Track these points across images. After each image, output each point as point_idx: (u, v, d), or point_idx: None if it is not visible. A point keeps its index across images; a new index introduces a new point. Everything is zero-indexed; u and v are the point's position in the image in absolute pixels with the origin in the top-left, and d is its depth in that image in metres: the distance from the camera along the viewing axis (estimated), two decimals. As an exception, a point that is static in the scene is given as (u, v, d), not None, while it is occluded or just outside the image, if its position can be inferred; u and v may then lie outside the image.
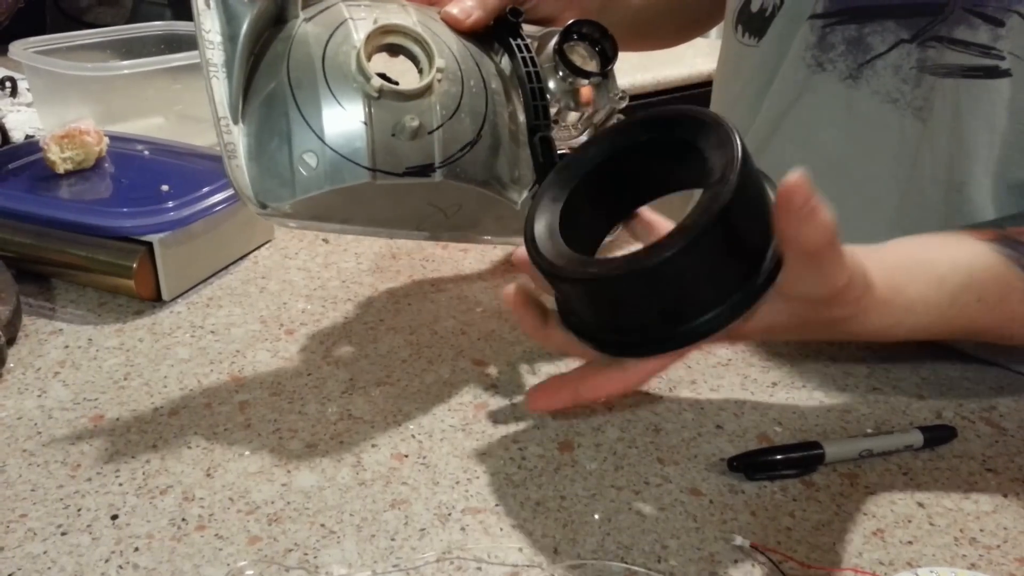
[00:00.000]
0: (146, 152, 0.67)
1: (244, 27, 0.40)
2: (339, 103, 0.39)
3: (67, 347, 0.50)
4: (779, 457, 0.43)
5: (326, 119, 0.39)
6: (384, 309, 0.56)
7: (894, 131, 0.52)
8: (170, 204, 0.55)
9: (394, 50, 0.42)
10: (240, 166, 0.40)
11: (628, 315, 0.35)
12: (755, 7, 0.61)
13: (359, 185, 0.39)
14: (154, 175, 0.61)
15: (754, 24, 0.61)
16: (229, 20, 0.40)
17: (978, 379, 0.53)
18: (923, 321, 0.42)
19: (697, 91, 1.41)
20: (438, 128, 0.41)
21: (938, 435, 0.46)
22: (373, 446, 0.43)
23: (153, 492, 0.39)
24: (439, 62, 0.41)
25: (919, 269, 0.42)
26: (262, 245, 0.64)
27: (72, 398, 0.45)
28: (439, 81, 0.41)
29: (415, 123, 0.40)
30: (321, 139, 0.39)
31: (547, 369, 0.51)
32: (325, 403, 0.46)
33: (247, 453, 0.42)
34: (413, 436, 0.44)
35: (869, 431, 0.47)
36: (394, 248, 0.65)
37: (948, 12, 0.49)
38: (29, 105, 0.90)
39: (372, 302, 0.57)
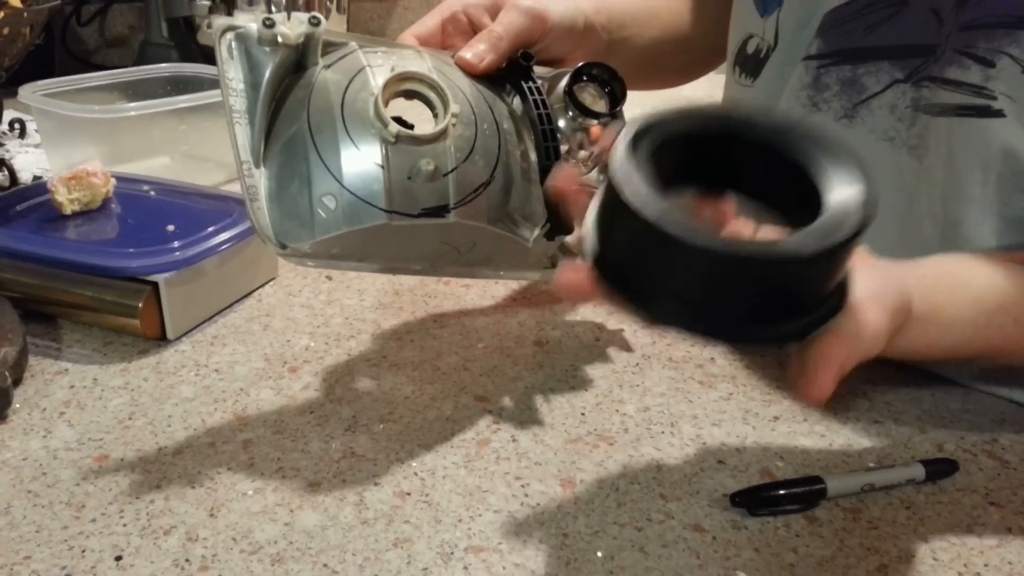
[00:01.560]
0: (152, 192, 0.67)
1: (266, 75, 0.41)
2: (357, 147, 0.41)
3: (72, 387, 0.50)
4: (781, 492, 0.43)
5: (344, 163, 0.40)
6: (387, 346, 0.57)
7: (891, 169, 0.53)
8: (176, 244, 0.56)
9: (410, 95, 0.44)
10: (261, 208, 0.41)
11: (723, 297, 0.33)
12: (751, 49, 0.62)
13: (376, 226, 0.41)
14: (160, 215, 0.62)
15: (749, 65, 0.62)
16: (251, 68, 0.41)
17: (979, 411, 0.53)
18: (959, 340, 0.43)
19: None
20: (453, 171, 0.42)
21: (940, 468, 0.46)
22: (376, 484, 0.43)
23: (157, 533, 0.39)
24: (454, 107, 0.42)
25: (957, 288, 0.43)
26: (266, 283, 0.65)
27: (77, 438, 0.46)
28: (453, 125, 0.42)
29: (430, 167, 0.41)
30: (340, 182, 0.40)
31: (548, 405, 0.51)
32: (328, 441, 0.47)
33: (250, 492, 0.42)
34: (416, 474, 0.44)
35: (871, 465, 0.47)
36: (397, 284, 0.66)
37: (940, 53, 0.49)
38: (37, 146, 0.91)
39: (375, 339, 0.57)
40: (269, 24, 0.40)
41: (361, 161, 0.41)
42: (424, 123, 0.43)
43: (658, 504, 0.43)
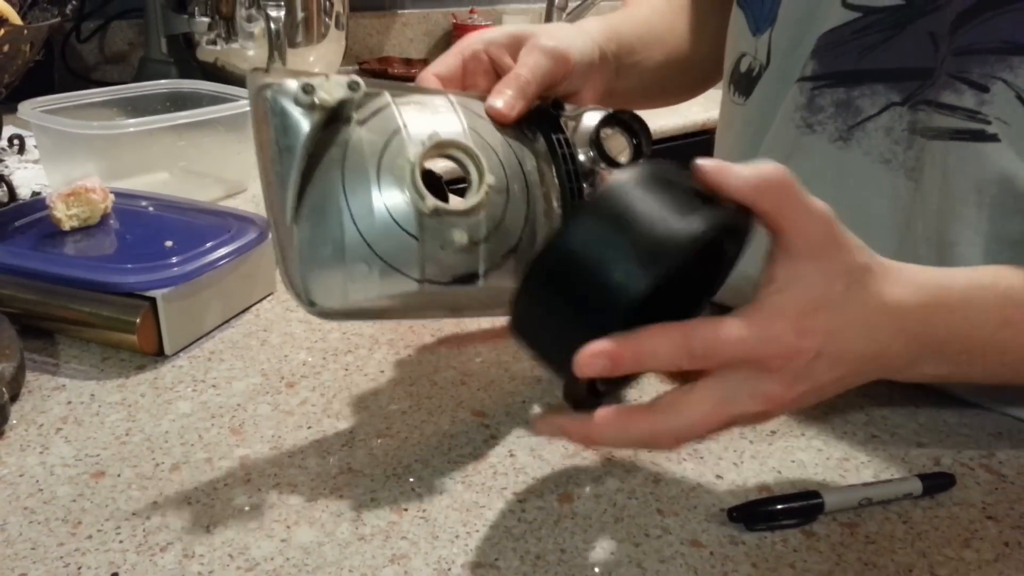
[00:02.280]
0: (150, 208, 0.68)
1: (302, 138, 0.40)
2: (392, 217, 0.40)
3: (70, 403, 0.50)
4: (779, 507, 0.43)
5: (379, 230, 0.40)
6: (384, 361, 0.57)
7: (887, 191, 0.53)
8: (174, 259, 0.56)
9: (446, 157, 0.44)
10: (293, 266, 0.41)
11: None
12: (743, 67, 0.63)
13: (405, 291, 0.41)
14: (158, 231, 0.62)
15: (742, 84, 0.63)
16: (286, 129, 0.40)
17: (976, 425, 0.53)
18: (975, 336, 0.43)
19: (692, 139, 1.43)
20: (484, 240, 0.42)
21: (937, 483, 0.46)
22: (372, 500, 0.43)
23: (153, 549, 0.39)
24: (489, 178, 0.42)
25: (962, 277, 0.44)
26: (264, 298, 0.65)
27: (74, 454, 0.46)
28: (487, 195, 0.42)
29: (464, 239, 0.41)
30: (373, 249, 0.40)
31: (546, 420, 0.51)
32: (325, 456, 0.47)
33: (247, 508, 0.42)
34: (413, 489, 0.44)
35: (868, 479, 0.47)
36: (394, 300, 0.66)
37: (936, 77, 0.50)
38: (36, 162, 0.92)
39: (373, 354, 0.58)
40: (309, 91, 0.40)
41: (395, 230, 0.40)
42: (460, 200, 0.43)
43: (656, 519, 0.43)
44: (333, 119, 0.41)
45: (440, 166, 0.45)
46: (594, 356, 0.34)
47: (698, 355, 0.35)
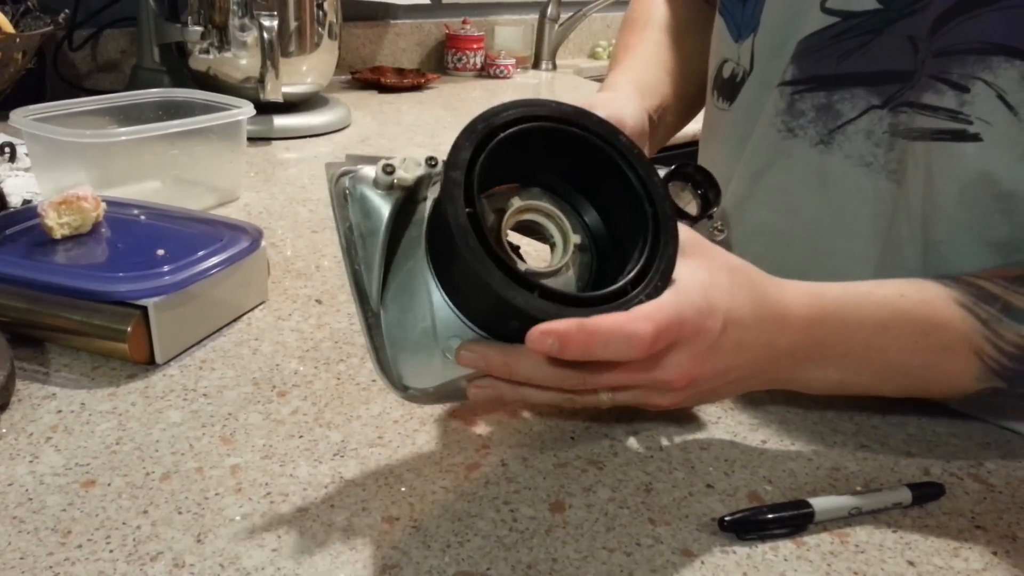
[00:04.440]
0: (142, 217, 0.68)
1: (384, 219, 0.40)
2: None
3: (60, 412, 0.50)
4: (770, 516, 0.43)
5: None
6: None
7: (869, 194, 0.54)
8: (165, 268, 0.56)
9: (527, 228, 0.44)
10: (384, 352, 0.41)
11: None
12: (726, 73, 0.63)
13: None
14: (150, 239, 0.62)
15: (726, 89, 0.63)
16: (367, 213, 0.40)
17: (965, 435, 0.53)
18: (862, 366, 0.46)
19: (679, 151, 1.44)
20: None
21: (926, 492, 0.46)
22: (364, 509, 0.43)
23: (144, 559, 0.39)
24: (575, 238, 0.42)
25: (850, 292, 0.46)
26: (256, 307, 0.65)
27: (64, 463, 0.45)
28: (574, 254, 0.42)
29: None
30: (466, 323, 0.40)
31: (539, 428, 0.51)
32: (317, 465, 0.46)
33: (238, 518, 0.42)
34: (405, 498, 0.44)
35: (858, 489, 0.47)
36: (386, 309, 0.66)
37: (917, 79, 0.50)
38: (27, 170, 0.91)
39: (364, 363, 0.57)
40: (389, 171, 0.40)
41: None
42: (546, 258, 0.43)
43: (647, 529, 0.43)
44: (409, 199, 0.41)
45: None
46: (544, 334, 0.36)
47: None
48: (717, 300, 0.40)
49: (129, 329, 0.53)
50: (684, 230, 0.41)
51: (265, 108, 1.07)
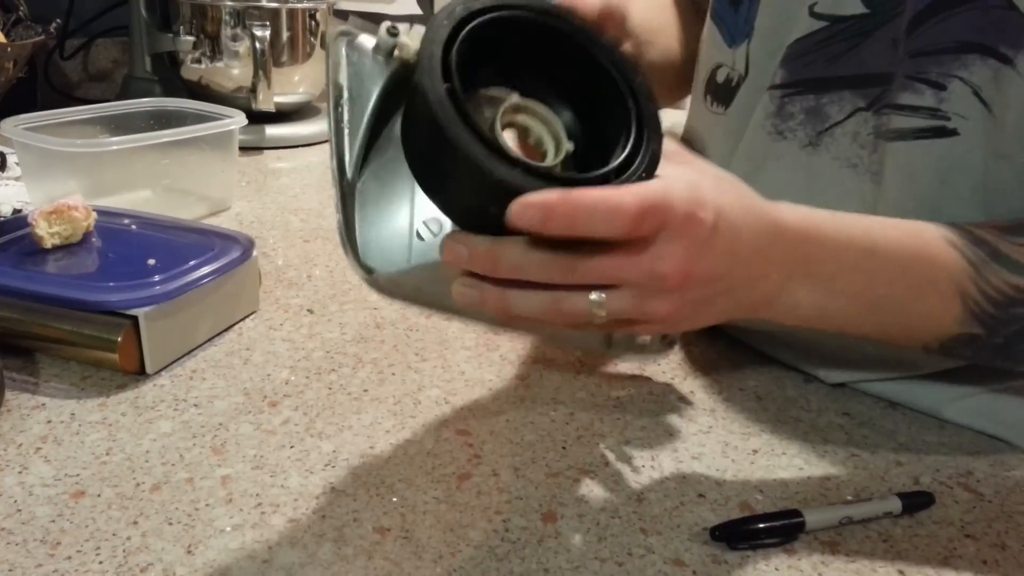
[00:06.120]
0: (133, 226, 0.67)
1: (377, 89, 0.39)
2: None
3: (49, 422, 0.50)
4: (761, 526, 0.43)
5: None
6: (368, 379, 0.57)
7: (855, 195, 0.54)
8: (156, 278, 0.56)
9: (518, 128, 0.42)
10: (353, 228, 0.39)
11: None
12: (721, 78, 0.64)
13: None
14: (141, 249, 0.62)
15: (721, 94, 0.64)
16: (362, 79, 0.39)
17: (954, 444, 0.54)
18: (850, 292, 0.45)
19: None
20: None
21: (916, 501, 0.47)
22: (355, 520, 0.43)
23: (134, 570, 0.39)
24: (568, 145, 0.41)
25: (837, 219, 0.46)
26: (247, 316, 0.65)
27: (53, 474, 0.45)
28: (566, 159, 0.41)
29: None
30: (444, 214, 0.39)
31: (530, 438, 0.51)
32: (308, 476, 0.46)
33: (228, 529, 0.42)
34: (396, 509, 0.44)
35: (849, 498, 0.47)
36: (378, 318, 0.66)
37: (895, 80, 0.51)
38: (18, 179, 0.91)
39: (356, 372, 0.57)
40: (393, 32, 0.38)
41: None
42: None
43: (639, 538, 0.43)
44: (409, 78, 0.39)
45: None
46: (527, 206, 0.34)
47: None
48: (706, 194, 0.38)
49: (119, 339, 0.53)
50: (670, 141, 0.40)
51: (257, 118, 1.07)
